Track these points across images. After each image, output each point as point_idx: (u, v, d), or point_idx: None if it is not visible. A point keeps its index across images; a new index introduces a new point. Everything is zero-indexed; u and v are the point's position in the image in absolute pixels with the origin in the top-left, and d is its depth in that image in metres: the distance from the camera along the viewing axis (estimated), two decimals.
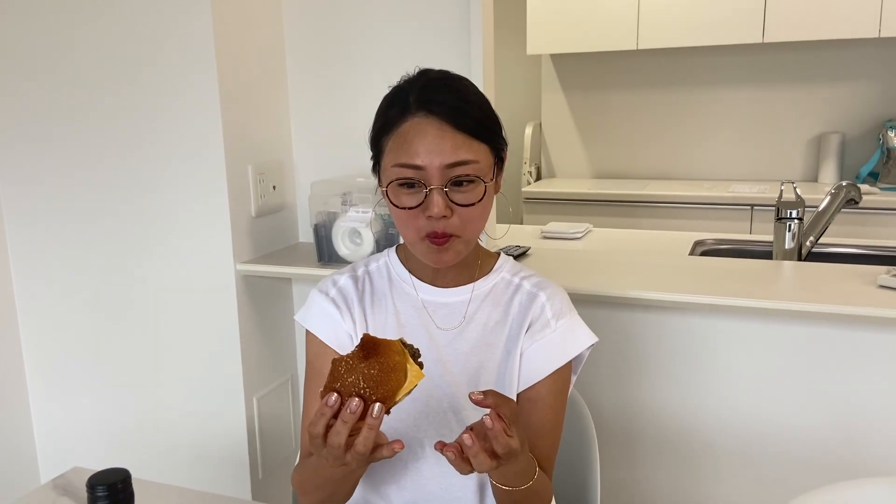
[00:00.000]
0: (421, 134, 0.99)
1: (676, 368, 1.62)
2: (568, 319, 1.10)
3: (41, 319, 2.00)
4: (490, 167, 1.04)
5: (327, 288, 1.15)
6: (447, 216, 1.00)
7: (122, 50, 1.74)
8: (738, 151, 3.58)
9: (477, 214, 1.03)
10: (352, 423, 0.81)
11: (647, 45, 3.36)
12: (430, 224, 1.00)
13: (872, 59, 3.31)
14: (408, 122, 1.00)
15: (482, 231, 1.07)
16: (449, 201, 1.00)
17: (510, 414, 0.85)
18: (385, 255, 1.18)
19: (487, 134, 1.03)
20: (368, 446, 0.82)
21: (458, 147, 0.99)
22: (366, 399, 0.80)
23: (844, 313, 1.39)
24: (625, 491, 1.71)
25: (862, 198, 2.06)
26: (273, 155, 1.88)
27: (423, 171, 0.99)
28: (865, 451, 1.51)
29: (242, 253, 1.79)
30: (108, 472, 0.76)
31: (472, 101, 1.03)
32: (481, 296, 1.13)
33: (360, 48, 1.82)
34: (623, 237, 2.42)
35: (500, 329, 1.11)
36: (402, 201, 1.02)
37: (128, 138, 1.79)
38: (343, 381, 0.81)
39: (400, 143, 1.01)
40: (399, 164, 1.00)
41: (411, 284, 1.13)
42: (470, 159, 1.00)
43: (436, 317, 1.12)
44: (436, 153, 0.98)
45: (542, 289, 1.12)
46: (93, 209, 1.86)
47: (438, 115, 0.99)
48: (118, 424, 1.98)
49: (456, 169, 0.99)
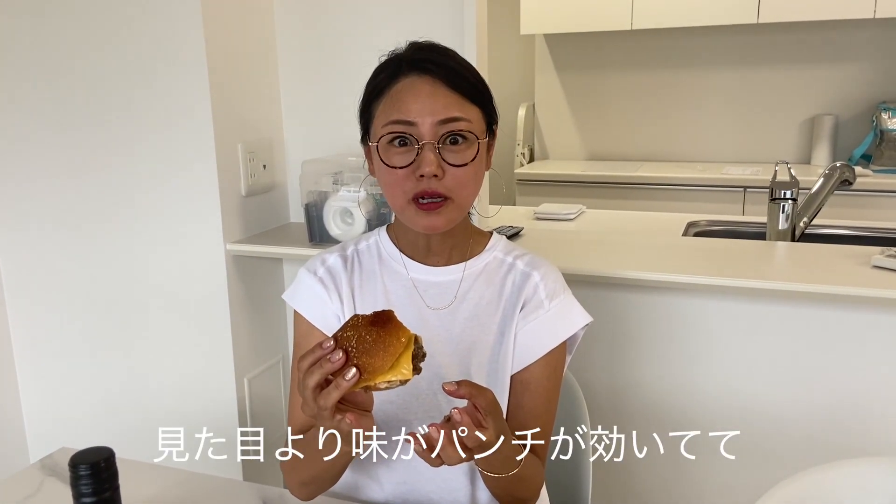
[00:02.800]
0: (414, 92, 0.98)
1: (669, 349, 1.62)
2: (562, 299, 1.09)
3: (29, 300, 1.97)
4: (483, 132, 1.02)
5: (315, 267, 1.13)
6: (439, 175, 0.97)
7: (107, 26, 1.71)
8: (732, 133, 3.57)
9: (470, 176, 1.00)
10: (328, 371, 0.79)
11: (641, 25, 3.33)
12: (421, 184, 0.98)
13: (867, 41, 3.30)
14: (400, 82, 0.99)
15: (475, 197, 1.04)
16: (441, 160, 0.97)
17: (486, 405, 0.83)
18: (375, 234, 1.16)
19: (481, 98, 1.02)
20: (328, 402, 0.80)
21: (452, 105, 0.97)
22: (349, 358, 0.79)
23: (838, 293, 1.38)
24: (616, 471, 1.71)
25: (856, 179, 2.05)
26: (263, 133, 1.85)
27: (416, 126, 0.97)
28: (859, 430, 1.51)
29: (232, 233, 1.77)
30: (91, 450, 0.75)
31: (464, 65, 1.02)
32: (474, 275, 1.10)
33: (352, 25, 1.79)
34: (616, 218, 2.42)
35: (492, 309, 1.09)
36: (392, 160, 0.99)
37: (114, 116, 1.76)
38: (344, 332, 0.81)
39: (392, 103, 0.99)
40: (391, 121, 0.98)
41: (401, 263, 1.11)
42: (463, 116, 0.98)
43: (426, 296, 1.10)
44: (428, 110, 0.96)
45: (536, 268, 1.10)
46: (80, 189, 1.84)
47: (432, 73, 0.98)
48: (108, 405, 1.97)
49: (449, 125, 0.97)
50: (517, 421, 1.06)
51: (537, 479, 1.05)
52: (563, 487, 1.27)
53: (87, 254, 1.88)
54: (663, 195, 3.29)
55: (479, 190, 1.04)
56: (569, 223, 2.24)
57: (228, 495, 1.13)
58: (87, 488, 0.71)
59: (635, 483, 1.71)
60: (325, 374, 0.80)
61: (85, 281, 1.90)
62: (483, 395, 0.84)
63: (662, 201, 3.27)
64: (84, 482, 0.71)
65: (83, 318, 1.93)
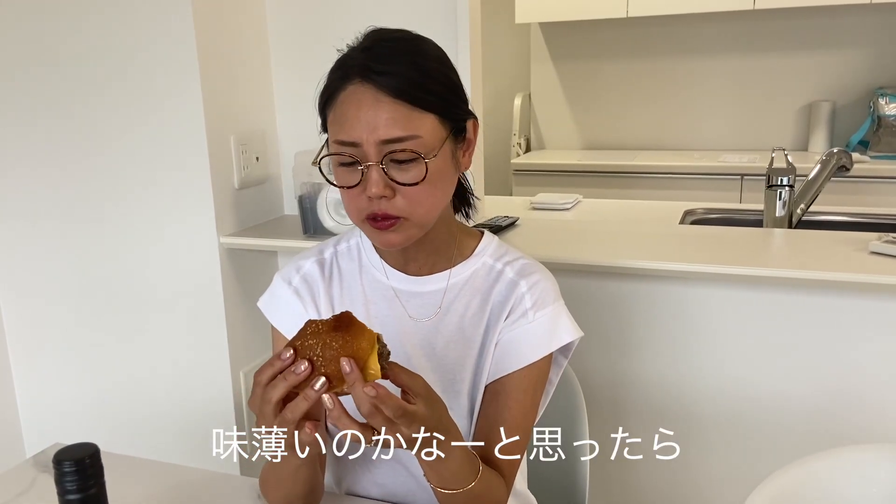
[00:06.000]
0: (356, 105, 0.90)
1: (667, 337, 1.61)
2: (549, 311, 1.01)
3: (21, 295, 1.96)
4: (439, 141, 0.92)
5: (290, 275, 1.07)
6: (388, 196, 0.91)
7: (95, 18, 1.69)
8: (728, 121, 3.55)
9: (424, 195, 0.92)
10: (292, 384, 0.77)
11: (637, 12, 3.31)
12: (371, 205, 0.92)
13: (864, 26, 3.28)
14: (346, 90, 0.92)
15: (437, 211, 0.96)
16: (388, 180, 0.90)
17: (417, 389, 0.80)
18: (357, 235, 1.09)
19: (436, 104, 0.92)
20: (296, 415, 0.77)
21: (396, 121, 0.89)
22: (314, 367, 0.77)
23: (836, 280, 1.37)
24: (614, 461, 1.70)
25: (853, 165, 2.04)
26: (255, 125, 1.84)
27: (359, 147, 0.90)
28: (858, 418, 1.50)
29: (226, 226, 1.76)
30: (76, 446, 0.74)
31: (419, 66, 0.92)
32: (459, 284, 1.03)
33: (344, 14, 1.77)
34: (613, 208, 2.41)
35: (478, 320, 1.02)
36: (340, 179, 0.94)
37: (104, 110, 1.74)
38: (304, 340, 0.78)
39: (338, 117, 0.93)
40: (336, 140, 0.93)
41: (382, 271, 1.05)
42: (407, 135, 0.89)
43: (409, 306, 1.03)
44: (370, 128, 0.89)
45: (525, 276, 1.03)
46: (72, 183, 1.82)
47: (376, 83, 0.90)
48: (103, 400, 1.96)
49: (391, 145, 0.89)
50: (484, 433, 1.00)
51: (496, 498, 0.97)
52: (560, 472, 1.27)
53: (80, 249, 1.86)
54: (660, 184, 3.28)
55: (443, 202, 0.97)
56: (565, 213, 2.23)
57: (225, 490, 1.12)
58: (71, 485, 0.70)
59: (632, 471, 1.70)
60: (289, 387, 0.77)
61: (78, 276, 1.89)
62: (414, 380, 0.80)
63: (659, 190, 3.25)
64: (69, 479, 0.70)
65: (77, 312, 1.92)
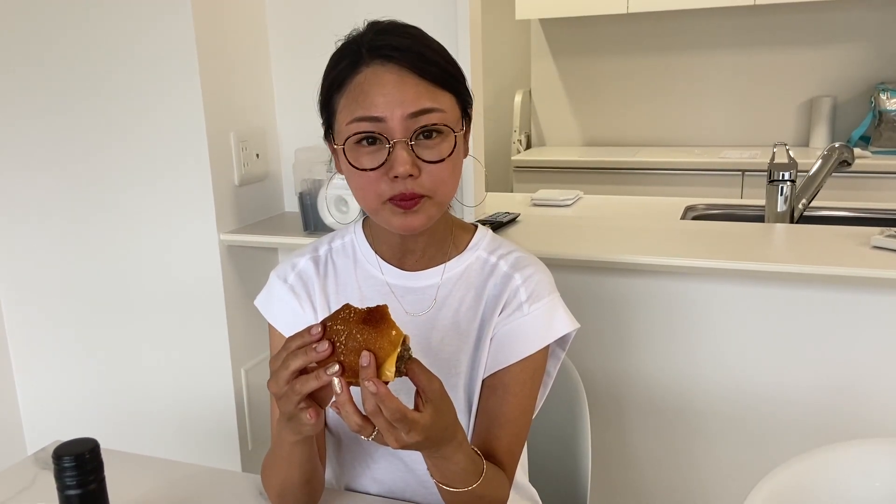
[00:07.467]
0: (378, 83, 0.88)
1: (668, 333, 1.61)
2: (544, 304, 1.01)
3: (23, 293, 1.96)
4: (458, 120, 0.94)
5: (286, 273, 1.07)
6: (414, 175, 0.89)
7: (94, 15, 1.69)
8: (729, 116, 3.54)
9: (448, 172, 0.92)
10: (311, 360, 0.77)
11: (637, 8, 3.30)
12: (395, 186, 0.90)
13: (865, 21, 3.27)
14: (361, 73, 0.90)
15: (455, 192, 0.96)
16: (416, 157, 0.89)
17: (430, 393, 0.79)
18: (351, 232, 1.09)
19: (452, 82, 0.93)
20: (304, 389, 0.77)
21: (422, 94, 0.88)
22: (335, 352, 0.77)
23: (838, 274, 1.37)
24: (616, 456, 1.70)
25: (854, 160, 2.03)
26: (255, 122, 1.84)
27: (384, 123, 0.88)
28: (860, 412, 1.50)
29: (226, 223, 1.75)
30: (76, 442, 0.73)
31: (432, 47, 0.93)
32: (453, 279, 1.03)
33: (343, 10, 1.77)
34: (613, 204, 2.40)
35: (472, 314, 1.02)
36: (361, 162, 0.91)
37: (104, 107, 1.74)
38: (334, 323, 0.78)
39: (354, 97, 0.90)
40: (356, 118, 0.89)
41: (377, 266, 1.04)
42: (436, 107, 0.89)
43: (404, 301, 1.03)
44: (397, 102, 0.87)
45: (519, 269, 1.02)
46: (72, 182, 1.82)
47: (397, 61, 0.89)
48: (104, 398, 1.96)
49: (421, 118, 0.89)
50: (483, 427, 1.00)
51: (500, 496, 0.97)
52: (562, 466, 1.26)
53: (80, 246, 1.86)
54: (661, 180, 3.27)
55: (458, 183, 0.97)
56: (566, 209, 2.22)
57: (227, 486, 1.12)
58: (71, 480, 0.70)
59: (634, 466, 1.70)
60: (307, 363, 0.77)
61: (79, 274, 1.89)
62: (431, 383, 0.79)
63: (660, 186, 3.25)
64: (68, 474, 0.70)
65: (78, 310, 1.92)
